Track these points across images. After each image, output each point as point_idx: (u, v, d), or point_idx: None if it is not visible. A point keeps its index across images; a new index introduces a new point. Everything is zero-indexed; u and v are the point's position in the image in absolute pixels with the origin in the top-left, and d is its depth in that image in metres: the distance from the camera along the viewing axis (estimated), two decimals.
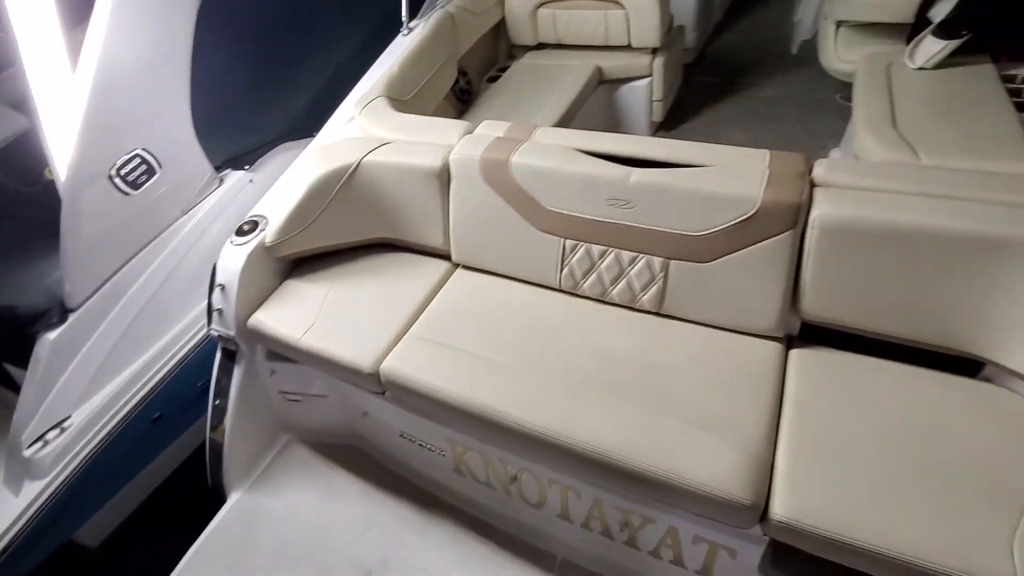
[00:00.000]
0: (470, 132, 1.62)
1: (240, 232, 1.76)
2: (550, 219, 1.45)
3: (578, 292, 1.51)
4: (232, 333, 1.73)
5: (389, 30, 2.40)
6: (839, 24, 2.74)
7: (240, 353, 1.80)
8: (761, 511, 1.05)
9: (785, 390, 1.24)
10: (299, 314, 1.62)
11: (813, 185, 1.21)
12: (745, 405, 1.19)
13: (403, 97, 2.07)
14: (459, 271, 1.71)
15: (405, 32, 2.36)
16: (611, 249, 1.40)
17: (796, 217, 1.17)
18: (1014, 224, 1.02)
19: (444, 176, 1.56)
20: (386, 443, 1.74)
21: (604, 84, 2.88)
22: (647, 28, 2.65)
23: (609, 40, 2.80)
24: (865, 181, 1.19)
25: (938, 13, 2.28)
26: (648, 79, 2.85)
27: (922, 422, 1.12)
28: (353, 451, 1.89)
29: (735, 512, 1.05)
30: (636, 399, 1.23)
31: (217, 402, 1.85)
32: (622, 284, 1.43)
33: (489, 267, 1.64)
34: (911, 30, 2.40)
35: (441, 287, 1.66)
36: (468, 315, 1.54)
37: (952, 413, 1.13)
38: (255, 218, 1.79)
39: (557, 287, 1.53)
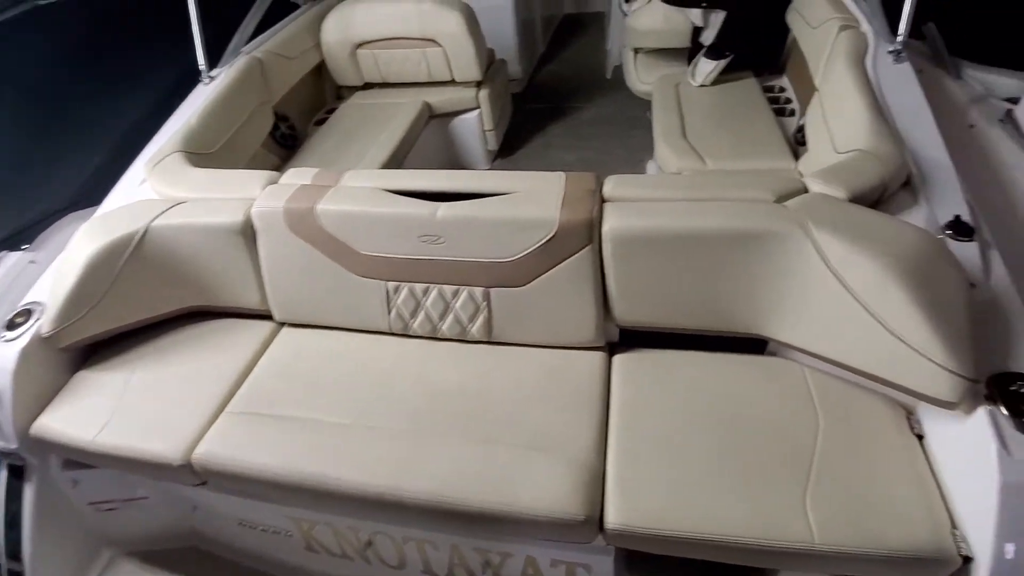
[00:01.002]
0: (274, 182, 1.53)
1: (10, 325, 1.49)
2: (368, 264, 1.40)
3: (410, 332, 1.47)
4: (14, 447, 1.44)
5: (189, 81, 2.23)
6: (636, 51, 3.06)
7: (29, 468, 1.51)
8: (598, 523, 1.08)
9: (611, 397, 1.30)
10: (93, 410, 1.39)
11: (603, 201, 1.30)
12: (575, 420, 1.23)
13: (206, 150, 1.92)
14: (285, 330, 1.59)
15: (206, 81, 2.20)
16: (433, 285, 1.39)
17: (591, 233, 1.24)
18: (758, 218, 1.17)
19: (248, 232, 1.45)
20: (227, 536, 1.55)
21: (436, 119, 2.92)
22: (466, 64, 2.75)
23: (433, 76, 2.86)
24: (645, 192, 1.30)
25: (707, 39, 2.63)
26: (477, 111, 2.94)
27: (727, 403, 1.24)
28: (193, 553, 1.65)
29: (573, 529, 1.07)
30: (470, 433, 1.21)
31: (11, 532, 1.52)
32: (450, 318, 1.42)
33: (316, 321, 1.55)
34: (689, 53, 2.75)
35: (264, 351, 1.53)
36: (295, 376, 1.43)
37: (748, 389, 1.26)
38: (28, 306, 1.53)
39: (388, 331, 1.48)
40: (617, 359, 1.38)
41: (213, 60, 2.26)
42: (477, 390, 1.31)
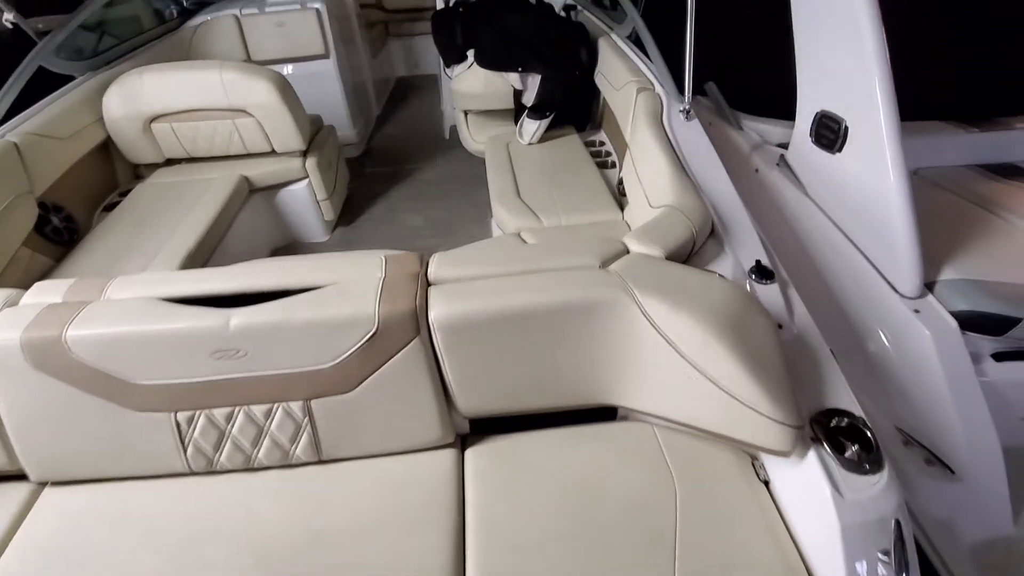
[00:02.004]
0: (12, 304, 1.18)
1: None
2: (148, 395, 1.12)
3: (216, 469, 1.20)
4: None
5: None
6: (466, 112, 3.10)
7: None
8: None
9: (466, 498, 1.16)
10: None
11: (429, 284, 1.19)
12: (427, 543, 1.06)
13: None
14: (48, 491, 1.22)
15: None
16: (238, 408, 1.15)
17: (416, 324, 1.11)
18: (585, 287, 1.14)
19: None
20: None
21: (258, 192, 2.65)
22: (285, 134, 2.54)
23: (249, 148, 2.60)
24: (471, 270, 1.22)
25: (528, 100, 2.74)
26: (306, 180, 2.73)
27: (585, 485, 1.16)
28: None
29: None
30: None
31: None
32: (266, 443, 1.18)
33: (87, 474, 1.20)
34: (515, 113, 2.84)
35: (19, 525, 1.15)
36: (64, 553, 1.08)
37: (604, 462, 1.20)
38: None
39: (187, 471, 1.19)
40: (469, 453, 1.25)
41: None
42: (308, 532, 1.08)
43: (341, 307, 1.10)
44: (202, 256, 2.10)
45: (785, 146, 2.20)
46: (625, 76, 2.27)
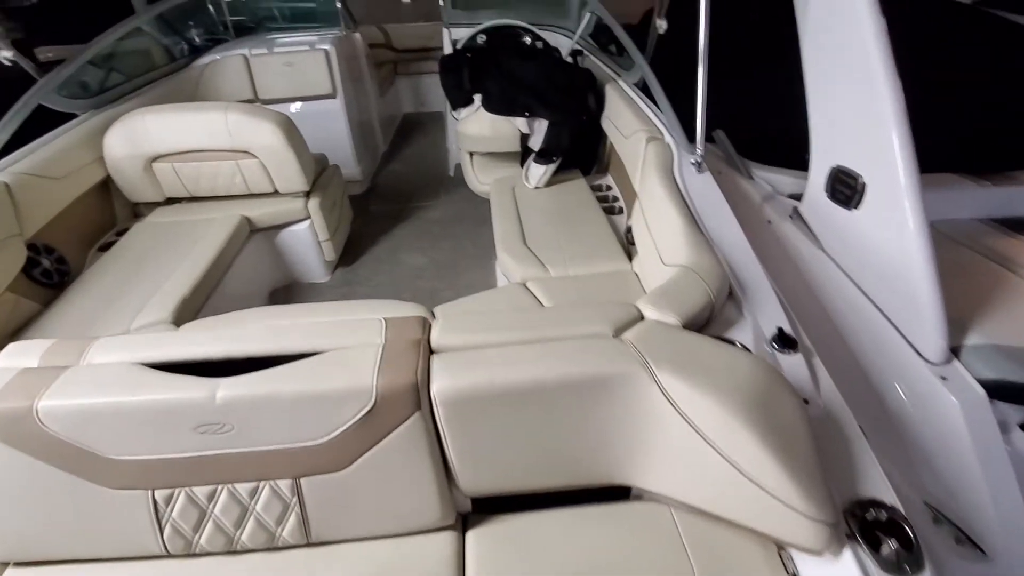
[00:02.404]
0: None
1: None
2: (124, 471, 1.03)
3: (195, 551, 1.10)
4: None
5: None
6: (472, 154, 3.08)
7: None
8: None
9: None
10: None
11: (431, 351, 1.12)
12: None
13: None
14: (10, 572, 1.12)
15: None
16: (222, 486, 1.06)
17: (418, 397, 1.04)
18: (599, 360, 1.06)
19: None
20: None
21: (259, 232, 2.60)
22: (289, 175, 2.51)
23: (251, 189, 2.57)
24: (478, 336, 1.15)
25: (534, 144, 2.72)
26: (308, 221, 2.69)
27: (595, 565, 1.06)
28: None
29: None
30: None
31: None
32: (251, 524, 1.09)
33: (54, 555, 1.10)
34: (521, 156, 2.82)
35: None
36: None
37: (617, 547, 1.10)
38: None
39: (163, 553, 1.10)
40: (471, 535, 1.15)
41: None
42: None
43: (336, 379, 1.03)
44: (198, 300, 2.04)
45: (797, 197, 2.16)
46: (634, 124, 2.24)
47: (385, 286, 2.84)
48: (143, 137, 2.36)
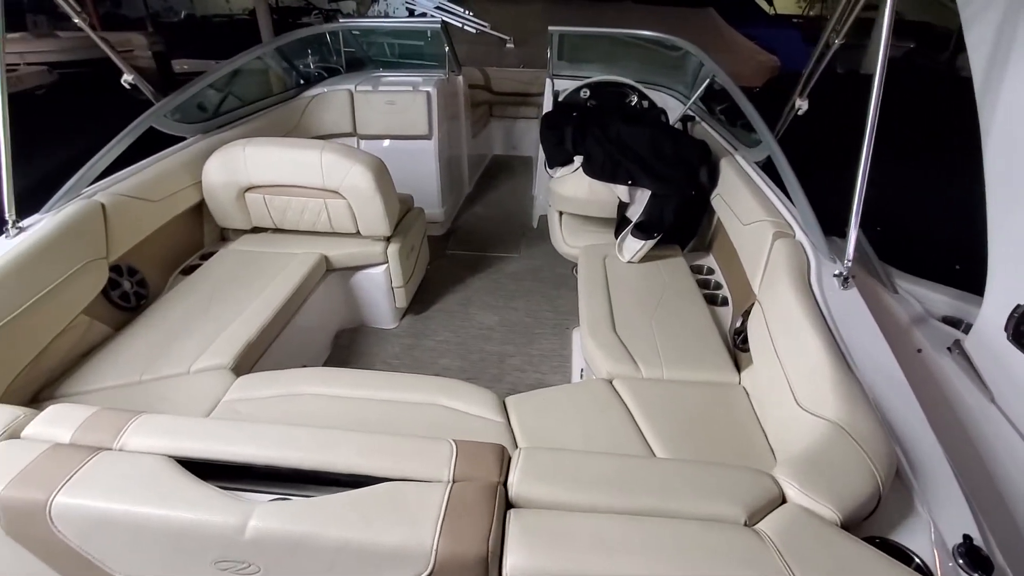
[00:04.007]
0: (14, 434, 0.99)
1: None
2: None
3: None
4: None
5: None
6: (562, 213, 2.91)
7: None
8: None
9: None
10: None
11: (509, 505, 0.90)
12: None
13: None
14: None
15: (10, 234, 1.70)
16: None
17: (486, 572, 0.82)
18: (727, 567, 0.80)
19: None
20: None
21: (335, 272, 2.53)
22: (373, 219, 2.43)
23: (335, 228, 2.51)
24: (568, 491, 0.91)
25: (632, 214, 2.50)
26: (384, 266, 2.59)
27: None
28: None
29: None
30: None
31: None
32: None
33: None
34: (617, 224, 2.60)
35: None
36: None
37: None
38: None
39: None
40: None
41: (28, 203, 1.78)
42: None
43: (390, 531, 0.82)
44: (263, 344, 1.95)
45: (953, 323, 1.79)
46: (756, 212, 1.97)
47: (452, 344, 2.67)
48: (241, 166, 2.36)
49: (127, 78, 2.19)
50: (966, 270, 1.66)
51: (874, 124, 1.46)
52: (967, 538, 0.96)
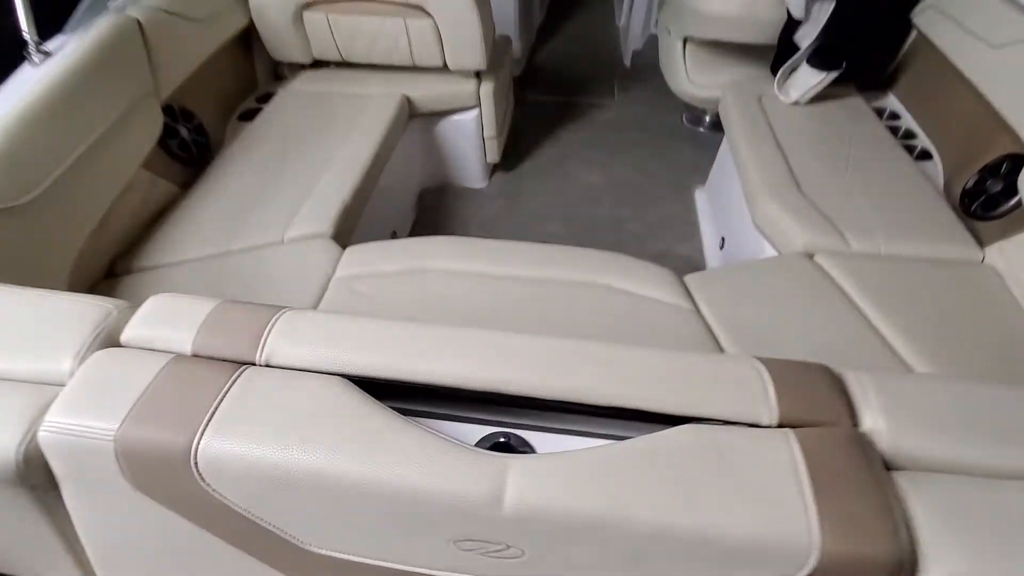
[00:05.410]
0: (111, 339, 0.69)
1: None
2: (319, 569, 0.63)
3: None
4: None
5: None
6: (686, 40, 2.29)
7: None
8: None
9: None
10: None
11: (887, 466, 0.58)
12: None
13: (11, 200, 1.04)
14: None
15: (35, 60, 1.27)
16: None
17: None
18: None
19: (35, 479, 0.63)
20: None
21: (418, 118, 2.08)
22: (467, 46, 1.90)
23: (416, 59, 1.99)
24: (959, 444, 0.59)
25: (803, 38, 1.90)
26: (475, 111, 2.11)
27: None
28: None
29: None
30: None
31: None
32: None
33: None
34: (776, 55, 2.02)
35: None
36: None
37: None
38: None
39: None
40: None
41: (54, 24, 1.33)
42: None
43: (734, 514, 0.52)
44: (358, 207, 1.60)
45: None
46: (1018, 28, 1.40)
47: (555, 207, 2.28)
48: None
49: None
50: None
51: None
52: None
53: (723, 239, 1.95)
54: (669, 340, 1.11)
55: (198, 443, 0.57)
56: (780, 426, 0.60)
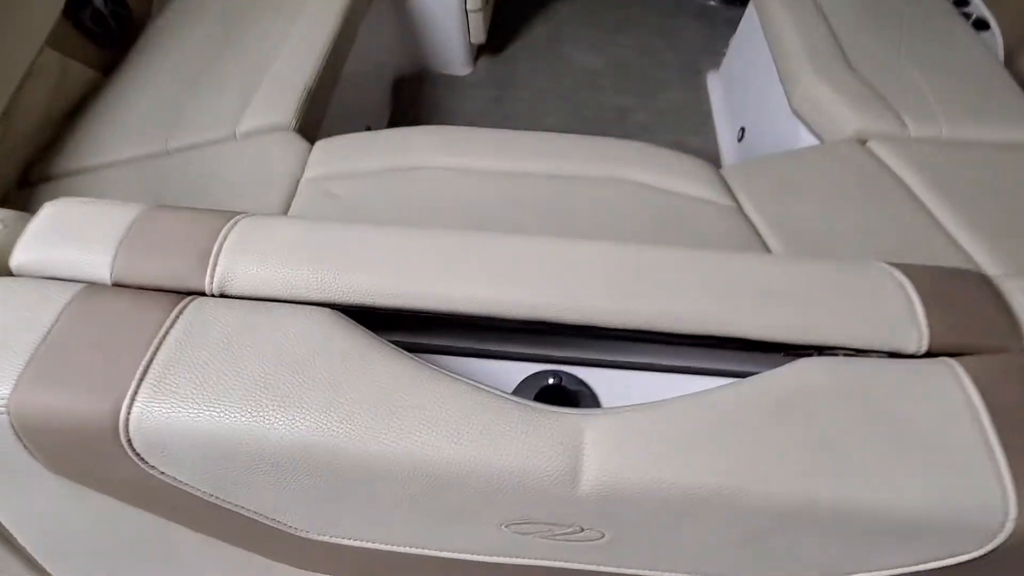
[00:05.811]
0: (1, 264, 0.49)
1: None
2: (322, 557, 0.48)
3: None
4: None
5: None
6: None
7: None
8: None
9: None
10: None
11: None
12: None
13: None
14: None
15: None
16: None
17: None
18: None
19: None
20: None
21: None
22: None
23: None
24: None
25: None
26: None
27: None
28: None
29: None
30: None
31: None
32: None
33: None
34: None
35: None
36: None
37: None
38: None
39: None
40: None
41: None
42: None
43: (906, 475, 0.38)
44: (325, 95, 1.32)
45: None
46: None
47: (553, 96, 2.00)
48: None
49: None
50: None
51: None
52: None
53: (742, 129, 1.74)
54: (715, 245, 0.94)
55: (128, 410, 0.39)
56: (929, 354, 0.45)
